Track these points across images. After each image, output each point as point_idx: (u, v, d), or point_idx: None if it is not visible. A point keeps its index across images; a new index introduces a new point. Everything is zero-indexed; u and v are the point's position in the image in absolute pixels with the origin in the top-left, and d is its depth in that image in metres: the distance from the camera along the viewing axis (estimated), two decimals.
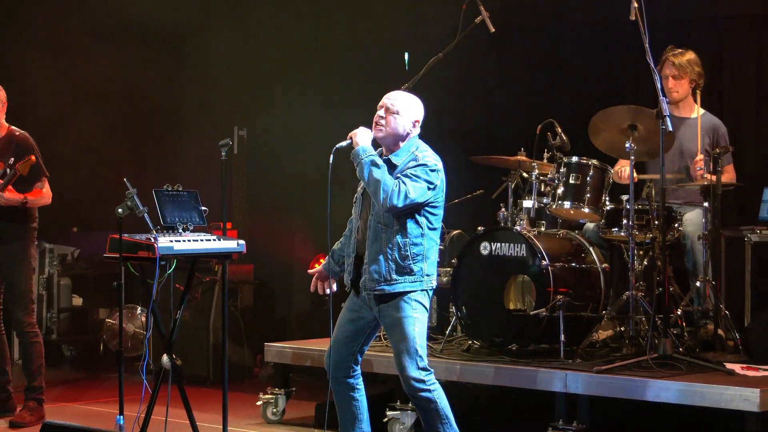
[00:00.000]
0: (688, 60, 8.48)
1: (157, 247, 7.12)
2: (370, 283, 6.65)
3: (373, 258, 6.65)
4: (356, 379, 6.95)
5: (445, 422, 6.63)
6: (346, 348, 6.88)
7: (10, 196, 8.15)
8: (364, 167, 6.56)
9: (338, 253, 7.00)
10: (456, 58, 9.22)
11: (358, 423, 6.98)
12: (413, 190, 6.48)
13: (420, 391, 6.59)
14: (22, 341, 8.50)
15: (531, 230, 8.10)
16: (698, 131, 8.37)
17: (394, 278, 6.60)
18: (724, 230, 8.29)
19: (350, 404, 6.97)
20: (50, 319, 11.37)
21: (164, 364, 7.35)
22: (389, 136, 6.67)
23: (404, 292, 6.60)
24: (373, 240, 6.65)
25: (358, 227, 6.81)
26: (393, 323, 6.65)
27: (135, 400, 7.51)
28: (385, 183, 6.47)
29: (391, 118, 6.66)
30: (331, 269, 7.03)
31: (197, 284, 9.76)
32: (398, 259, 6.59)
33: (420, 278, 6.62)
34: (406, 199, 6.46)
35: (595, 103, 9.83)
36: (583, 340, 7.83)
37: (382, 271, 6.62)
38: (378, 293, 6.62)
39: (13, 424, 8.17)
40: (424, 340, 6.65)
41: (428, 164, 6.59)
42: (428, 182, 6.55)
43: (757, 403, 6.66)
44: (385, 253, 6.61)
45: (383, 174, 6.51)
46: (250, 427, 8.26)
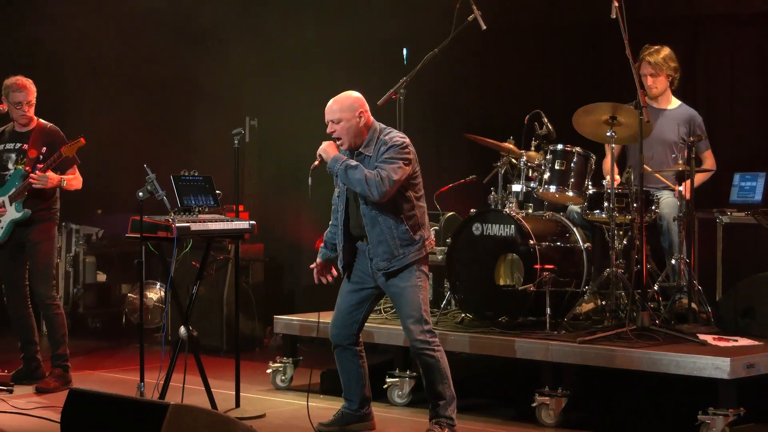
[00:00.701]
0: (663, 57, 8.46)
1: (174, 228, 7.14)
2: (382, 264, 6.72)
3: (378, 241, 6.69)
4: (359, 347, 6.98)
5: (444, 381, 6.71)
6: (350, 317, 6.93)
7: (53, 176, 8.16)
8: (341, 175, 6.64)
9: (330, 241, 7.07)
10: (451, 53, 9.20)
11: (360, 388, 7.00)
12: (393, 173, 6.53)
13: (425, 351, 6.67)
14: (45, 313, 8.51)
15: (519, 212, 8.10)
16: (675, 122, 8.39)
17: (401, 252, 6.67)
18: (697, 212, 8.27)
19: (353, 370, 6.99)
20: (77, 293, 11.38)
21: (181, 335, 7.37)
22: (350, 141, 6.73)
23: (411, 263, 6.66)
24: (371, 225, 6.69)
25: (345, 218, 6.85)
26: (399, 292, 6.72)
27: (154, 368, 7.53)
28: (367, 179, 6.52)
29: (339, 128, 6.72)
30: (328, 258, 7.09)
31: (212, 262, 9.75)
32: (401, 234, 6.66)
33: (422, 244, 6.72)
34: (391, 183, 6.51)
35: (580, 95, 9.83)
36: (567, 313, 7.83)
37: (391, 249, 6.67)
38: (392, 270, 6.68)
39: (39, 390, 8.18)
40: (428, 305, 6.74)
41: (396, 144, 6.63)
42: (403, 160, 6.59)
43: (727, 371, 6.66)
44: (388, 233, 6.64)
45: (361, 172, 6.55)
46: (261, 393, 8.26)
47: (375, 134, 6.73)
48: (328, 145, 6.74)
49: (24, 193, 8.18)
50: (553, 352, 7.29)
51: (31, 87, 8.37)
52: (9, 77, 8.42)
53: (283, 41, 11.61)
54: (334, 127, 6.72)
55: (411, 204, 6.70)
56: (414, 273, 6.69)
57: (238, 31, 11.73)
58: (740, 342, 7.31)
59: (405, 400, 7.85)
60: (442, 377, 6.70)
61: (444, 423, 6.71)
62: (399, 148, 6.61)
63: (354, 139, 6.71)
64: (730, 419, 6.67)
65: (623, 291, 7.84)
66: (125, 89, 11.99)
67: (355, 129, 6.70)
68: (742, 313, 7.69)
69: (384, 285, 6.77)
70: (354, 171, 6.56)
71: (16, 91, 8.32)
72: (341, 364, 7.02)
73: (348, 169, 6.58)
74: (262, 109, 11.78)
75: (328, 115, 6.76)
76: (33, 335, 8.54)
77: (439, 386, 6.71)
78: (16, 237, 8.30)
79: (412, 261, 6.67)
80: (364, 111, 6.75)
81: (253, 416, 7.36)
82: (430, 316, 6.75)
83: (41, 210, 8.30)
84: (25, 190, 8.17)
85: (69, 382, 8.23)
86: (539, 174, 8.21)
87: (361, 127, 6.72)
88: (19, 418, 7.34)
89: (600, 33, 9.85)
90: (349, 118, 6.69)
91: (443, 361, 6.72)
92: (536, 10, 10.18)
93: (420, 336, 6.66)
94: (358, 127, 6.71)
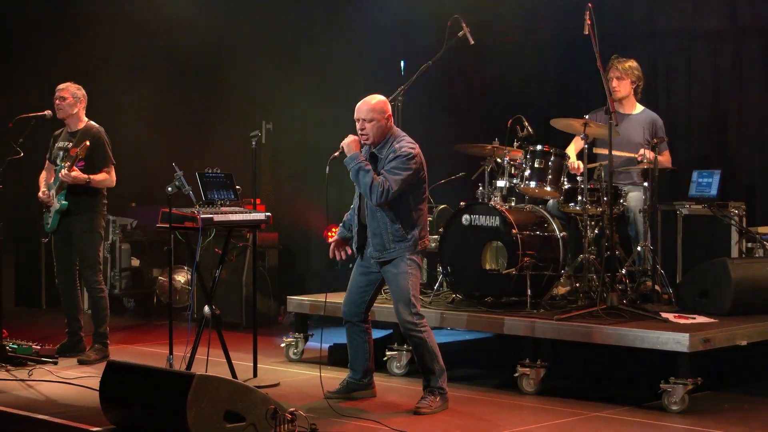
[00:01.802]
0: (630, 66, 8.47)
1: (199, 218, 7.11)
2: (374, 253, 6.73)
3: (373, 233, 6.71)
4: (366, 324, 6.96)
5: (432, 358, 6.70)
6: (359, 297, 6.92)
7: (76, 175, 8.10)
8: (353, 173, 6.63)
9: (348, 222, 7.01)
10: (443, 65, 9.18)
11: (364, 361, 6.99)
12: (395, 184, 6.51)
13: (412, 331, 6.66)
14: (90, 295, 8.48)
15: (503, 205, 8.07)
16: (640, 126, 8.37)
17: (392, 247, 6.66)
18: (660, 205, 8.27)
19: (360, 345, 6.97)
20: (113, 277, 11.34)
21: (206, 313, 7.33)
22: (375, 139, 6.67)
23: (401, 256, 6.63)
24: (371, 218, 6.70)
25: (359, 205, 6.82)
26: (392, 278, 6.71)
27: (182, 343, 7.49)
28: (372, 186, 6.52)
29: (369, 126, 6.64)
30: (344, 236, 7.03)
31: (232, 248, 9.69)
32: (394, 232, 6.64)
33: (413, 243, 6.66)
34: (389, 194, 6.51)
35: (556, 102, 9.83)
36: (546, 294, 7.79)
37: (383, 242, 6.67)
38: (381, 260, 6.68)
39: (80, 362, 8.14)
40: (417, 291, 6.71)
41: (403, 155, 6.57)
42: (407, 170, 6.54)
43: (686, 345, 6.62)
44: (383, 228, 6.64)
45: (370, 178, 6.53)
46: (275, 364, 8.22)
47: (391, 138, 6.67)
48: (352, 141, 6.67)
49: (63, 187, 8.15)
50: (533, 328, 7.25)
51: (69, 89, 8.35)
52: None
53: (294, 57, 11.57)
54: (365, 125, 6.63)
55: (408, 207, 6.65)
56: (405, 261, 6.65)
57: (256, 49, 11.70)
58: (698, 319, 7.28)
59: (403, 370, 7.81)
60: (430, 354, 6.68)
61: (436, 392, 6.69)
62: (405, 159, 6.55)
63: (378, 138, 6.65)
64: (689, 388, 6.64)
65: (595, 275, 7.81)
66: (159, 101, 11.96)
67: (382, 129, 6.64)
68: (699, 294, 7.65)
69: (380, 271, 6.76)
70: (364, 175, 6.53)
71: (56, 92, 8.39)
72: (350, 339, 6.99)
73: (360, 170, 6.55)
74: (276, 114, 11.74)
75: (359, 114, 6.66)
76: (78, 313, 8.50)
77: (429, 361, 6.70)
78: (65, 225, 8.27)
79: (402, 254, 6.64)
80: (390, 115, 6.71)
81: (268, 385, 7.33)
82: (418, 301, 6.71)
83: (85, 203, 8.25)
84: (62, 184, 8.15)
85: (107, 356, 8.19)
86: (521, 171, 8.17)
87: (386, 129, 6.66)
88: (63, 387, 7.31)
89: (572, 48, 9.81)
90: (379, 119, 6.62)
91: (430, 340, 6.69)
92: (517, 27, 10.12)
93: (408, 318, 6.64)
94: (384, 127, 6.65)
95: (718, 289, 7.53)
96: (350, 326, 6.96)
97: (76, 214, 8.24)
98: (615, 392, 7.22)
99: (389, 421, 6.30)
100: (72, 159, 8.07)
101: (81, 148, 8.00)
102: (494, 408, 6.84)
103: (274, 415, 5.66)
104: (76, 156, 8.03)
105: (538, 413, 6.69)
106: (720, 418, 6.55)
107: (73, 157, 8.09)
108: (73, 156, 8.09)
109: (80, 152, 8.00)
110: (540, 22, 10.25)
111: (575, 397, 7.06)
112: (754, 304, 7.54)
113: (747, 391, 7.33)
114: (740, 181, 9.12)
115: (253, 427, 5.71)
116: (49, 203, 8.28)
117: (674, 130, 9.08)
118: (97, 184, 8.24)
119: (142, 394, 6.00)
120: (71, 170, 8.05)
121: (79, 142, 8.13)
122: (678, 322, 7.18)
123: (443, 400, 6.70)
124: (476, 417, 6.60)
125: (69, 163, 8.06)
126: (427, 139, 10.63)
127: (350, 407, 6.68)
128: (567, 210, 8.12)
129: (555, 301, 7.91)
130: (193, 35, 11.77)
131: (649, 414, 6.63)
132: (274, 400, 5.83)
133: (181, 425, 5.57)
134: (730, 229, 8.45)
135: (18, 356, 7.98)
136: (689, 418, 6.52)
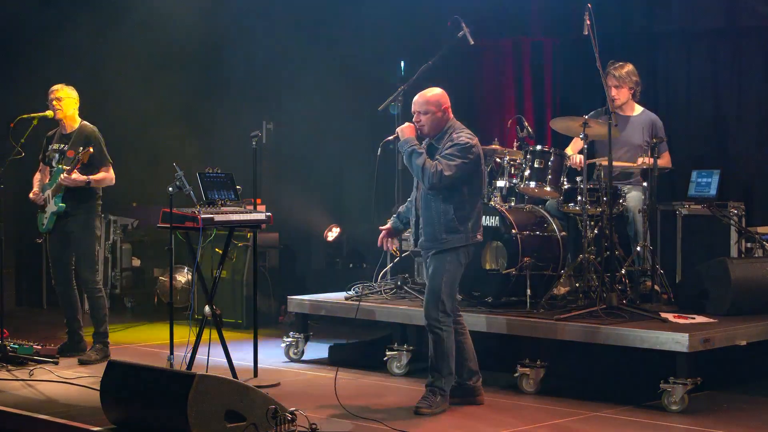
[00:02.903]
0: (626, 72, 8.44)
1: (200, 218, 7.10)
2: (426, 243, 6.69)
3: (426, 222, 6.67)
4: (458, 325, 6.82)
5: (445, 359, 6.66)
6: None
7: (77, 177, 8.10)
8: (406, 156, 6.61)
9: (404, 214, 6.99)
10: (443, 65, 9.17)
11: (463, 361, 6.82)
12: (448, 169, 6.47)
13: (434, 327, 6.63)
14: (89, 296, 8.46)
15: (503, 205, 8.06)
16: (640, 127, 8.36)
17: (444, 237, 6.61)
18: (659, 205, 8.25)
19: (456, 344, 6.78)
20: (114, 277, 11.34)
21: (206, 313, 7.33)
22: (431, 131, 6.66)
23: (452, 249, 6.59)
24: (425, 208, 6.67)
25: (416, 196, 6.80)
26: (432, 271, 6.67)
27: (182, 342, 7.49)
28: (424, 168, 6.49)
29: (425, 119, 6.64)
30: (396, 227, 7.03)
31: (233, 248, 9.68)
32: (446, 222, 6.60)
33: (466, 235, 6.62)
34: (442, 178, 6.46)
35: (556, 102, 9.82)
36: (545, 294, 7.78)
37: (435, 232, 6.63)
38: (433, 251, 6.63)
39: (81, 362, 8.13)
40: (452, 289, 6.65)
41: (461, 143, 6.54)
42: (463, 159, 6.51)
43: (686, 345, 6.63)
44: (435, 218, 6.61)
45: (423, 160, 6.51)
46: (276, 364, 8.21)
47: (450, 129, 6.66)
48: (408, 126, 6.67)
49: (60, 189, 8.14)
50: (533, 328, 7.24)
51: (63, 89, 8.35)
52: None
53: (294, 58, 11.56)
54: (420, 117, 6.64)
55: (463, 198, 6.59)
56: (447, 258, 6.59)
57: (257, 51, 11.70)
58: (697, 319, 7.28)
59: (403, 370, 7.80)
60: (444, 354, 6.64)
61: (437, 391, 6.66)
62: (462, 147, 6.53)
63: (434, 130, 6.65)
64: (689, 387, 6.64)
65: (594, 274, 7.79)
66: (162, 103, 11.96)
67: (438, 121, 6.63)
68: (698, 294, 7.65)
69: (427, 262, 6.72)
70: (417, 157, 6.52)
71: (51, 94, 8.38)
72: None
73: (413, 153, 6.54)
74: (277, 115, 11.74)
75: (415, 106, 6.68)
76: (77, 313, 8.49)
77: (440, 361, 6.65)
78: (61, 227, 8.26)
79: (454, 246, 6.58)
80: (447, 107, 6.69)
81: (269, 385, 7.32)
82: (450, 299, 6.62)
83: (81, 204, 8.24)
84: (60, 186, 8.14)
85: (108, 355, 8.19)
86: (520, 171, 8.16)
87: (442, 121, 6.65)
88: (63, 386, 7.31)
89: (568, 49, 9.81)
90: (434, 111, 6.63)
91: (448, 341, 6.63)
92: (515, 28, 10.11)
93: (433, 313, 6.61)
94: (441, 119, 6.64)
95: (718, 289, 7.53)
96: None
97: (73, 215, 8.23)
98: (614, 392, 7.21)
99: (390, 421, 6.30)
100: (71, 161, 8.06)
101: (84, 153, 7.99)
102: (493, 408, 6.83)
103: (274, 414, 5.66)
104: (76, 160, 8.02)
105: (538, 413, 6.69)
106: (720, 418, 6.54)
107: (71, 159, 8.08)
108: (72, 159, 8.08)
109: (83, 158, 8.00)
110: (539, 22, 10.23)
111: (575, 397, 7.06)
112: (754, 304, 7.54)
113: (747, 391, 7.33)
114: (739, 181, 9.12)
115: (253, 426, 5.71)
116: (41, 203, 8.26)
117: (674, 130, 9.07)
118: (98, 183, 8.24)
119: (143, 393, 5.99)
120: (71, 173, 8.04)
121: (75, 144, 8.12)
122: (677, 322, 7.17)
123: (443, 401, 6.67)
124: (476, 417, 6.59)
125: (69, 167, 8.05)
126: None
127: (351, 407, 6.68)
128: (567, 210, 8.11)
129: (555, 301, 7.90)
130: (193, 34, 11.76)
131: (648, 414, 6.63)
132: (275, 400, 5.83)
133: (182, 425, 5.57)
134: (729, 229, 8.44)
135: (19, 356, 7.98)
136: (689, 418, 6.52)
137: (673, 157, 8.60)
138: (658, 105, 9.30)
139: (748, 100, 9.22)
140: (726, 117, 9.33)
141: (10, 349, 7.99)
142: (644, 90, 8.66)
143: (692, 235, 8.76)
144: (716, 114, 9.36)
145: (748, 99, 9.21)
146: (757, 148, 9.17)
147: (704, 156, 9.28)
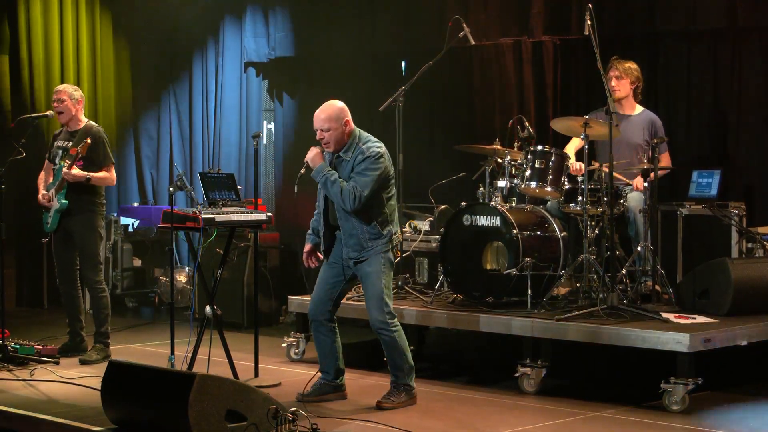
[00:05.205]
0: (629, 66, 8.50)
1: (201, 219, 7.11)
2: (352, 254, 6.78)
3: (348, 234, 6.76)
4: (333, 323, 7.01)
5: (402, 356, 6.79)
6: (326, 295, 6.98)
7: (76, 172, 8.10)
8: (322, 185, 6.74)
9: (316, 228, 7.08)
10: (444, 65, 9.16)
11: (334, 361, 7.02)
12: (366, 188, 6.59)
13: (384, 330, 6.75)
14: (91, 295, 8.47)
15: (504, 205, 8.06)
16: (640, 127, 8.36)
17: (369, 245, 6.72)
18: (660, 205, 8.25)
19: (328, 344, 7.00)
20: (115, 277, 11.33)
21: (207, 313, 7.33)
22: (335, 146, 6.75)
23: (381, 251, 6.72)
24: (345, 220, 6.76)
25: (326, 208, 6.88)
26: (365, 276, 6.77)
27: (183, 343, 7.50)
28: (342, 194, 6.60)
29: (328, 135, 6.73)
30: (315, 243, 7.11)
31: (234, 249, 9.69)
32: (369, 230, 6.71)
33: (389, 238, 6.75)
34: (363, 198, 6.59)
35: (557, 103, 9.80)
36: (546, 294, 7.78)
37: (360, 242, 6.73)
38: (360, 260, 6.74)
39: (82, 361, 8.14)
40: (390, 290, 6.80)
41: (371, 155, 6.65)
42: (376, 170, 6.63)
43: (687, 345, 6.63)
44: (358, 229, 6.71)
45: (338, 186, 6.61)
46: (277, 364, 8.21)
47: (354, 140, 6.76)
48: (315, 155, 6.76)
49: (63, 185, 8.15)
50: (534, 328, 7.24)
51: (66, 90, 8.37)
52: None
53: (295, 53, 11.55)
54: (323, 134, 6.74)
55: (381, 203, 6.73)
56: (380, 260, 6.71)
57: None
58: (698, 319, 7.28)
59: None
60: (399, 352, 6.77)
61: (402, 388, 6.80)
62: (373, 159, 6.63)
63: (339, 144, 6.74)
64: (690, 387, 6.65)
65: (595, 275, 7.78)
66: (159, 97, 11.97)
67: (340, 136, 6.72)
68: (699, 294, 7.64)
69: (354, 268, 6.82)
70: (332, 185, 6.63)
71: (54, 95, 8.42)
72: (317, 339, 7.02)
73: (327, 181, 6.65)
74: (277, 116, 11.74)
75: (317, 124, 6.77)
76: (79, 313, 8.49)
77: (398, 359, 6.79)
78: (64, 225, 8.26)
79: (381, 250, 6.72)
80: (348, 120, 6.77)
81: (269, 385, 7.33)
82: (391, 299, 6.79)
83: (84, 203, 8.24)
84: (62, 183, 8.15)
85: (109, 355, 8.19)
86: (521, 171, 8.16)
87: (346, 134, 6.72)
88: (64, 386, 7.32)
89: (569, 51, 9.79)
90: (336, 126, 6.71)
91: (401, 339, 6.78)
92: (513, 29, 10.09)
93: (379, 317, 6.72)
94: (344, 134, 6.73)
95: (718, 289, 7.52)
96: (317, 325, 6.97)
97: (76, 214, 8.23)
98: (615, 392, 7.21)
99: (390, 421, 6.30)
100: (72, 157, 8.07)
101: (82, 146, 8.00)
102: (494, 408, 6.84)
103: (275, 414, 5.66)
104: (76, 154, 8.04)
105: (538, 413, 6.69)
106: (720, 418, 6.55)
107: (73, 155, 8.09)
108: (73, 155, 8.09)
109: (81, 150, 8.01)
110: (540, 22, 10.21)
111: (575, 397, 7.06)
112: (754, 304, 7.53)
113: (747, 391, 7.33)
114: (740, 181, 9.10)
115: (254, 427, 5.71)
116: (49, 205, 8.27)
117: (674, 130, 9.07)
118: (98, 182, 8.24)
119: (144, 393, 6.00)
120: (71, 168, 8.06)
121: (79, 141, 8.13)
122: (678, 322, 7.17)
123: (408, 396, 6.80)
124: (477, 417, 6.59)
125: (69, 162, 8.07)
126: (428, 140, 10.74)
127: (351, 407, 6.67)
128: (567, 210, 8.11)
129: (555, 301, 7.90)
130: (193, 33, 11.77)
131: (649, 414, 6.63)
132: (276, 400, 5.84)
133: (183, 425, 5.57)
134: (730, 229, 8.43)
135: (20, 356, 7.98)
136: (689, 418, 6.52)
137: (674, 157, 8.60)
138: (658, 105, 9.29)
139: (748, 100, 9.20)
140: (726, 117, 9.31)
141: (11, 349, 7.99)
142: (644, 90, 8.66)
143: (693, 236, 8.74)
144: (717, 114, 9.34)
145: (748, 99, 9.20)
146: (757, 148, 9.16)
147: (705, 156, 9.27)
